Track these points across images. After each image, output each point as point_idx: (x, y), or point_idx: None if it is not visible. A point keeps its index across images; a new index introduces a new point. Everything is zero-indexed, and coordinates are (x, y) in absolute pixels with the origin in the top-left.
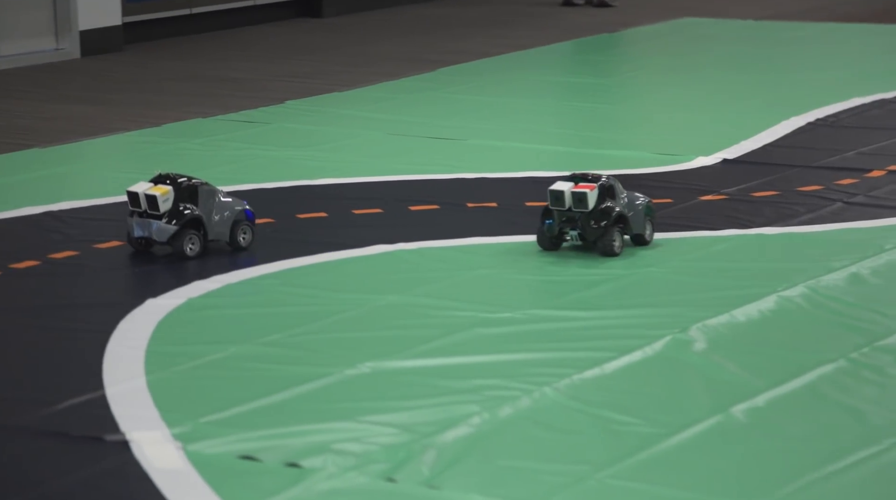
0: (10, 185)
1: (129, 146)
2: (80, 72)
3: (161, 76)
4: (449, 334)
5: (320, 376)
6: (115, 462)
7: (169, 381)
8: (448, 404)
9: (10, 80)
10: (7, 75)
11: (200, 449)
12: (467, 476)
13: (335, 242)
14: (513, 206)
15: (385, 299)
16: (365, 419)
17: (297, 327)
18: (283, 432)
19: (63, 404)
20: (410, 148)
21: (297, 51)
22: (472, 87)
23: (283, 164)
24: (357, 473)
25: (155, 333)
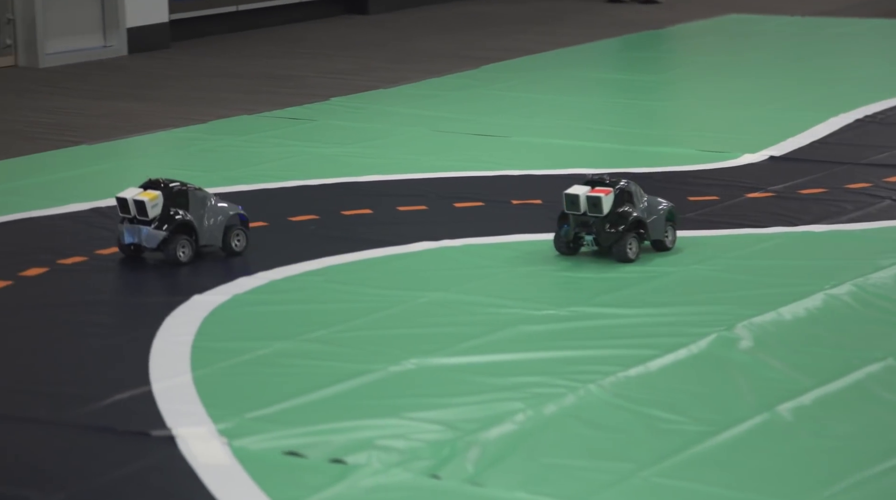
0: (59, 181)
1: (175, 143)
2: (128, 69)
3: (207, 73)
4: (493, 332)
5: (365, 372)
6: (160, 458)
7: (214, 377)
8: (492, 401)
9: (59, 77)
10: (56, 73)
11: (245, 445)
12: (511, 474)
13: (379, 238)
14: (558, 203)
15: (429, 296)
16: (409, 415)
17: (341, 323)
18: (328, 428)
19: (109, 399)
20: (455, 145)
21: (343, 48)
22: (517, 84)
23: (328, 160)
24: (401, 469)
25: (200, 329)
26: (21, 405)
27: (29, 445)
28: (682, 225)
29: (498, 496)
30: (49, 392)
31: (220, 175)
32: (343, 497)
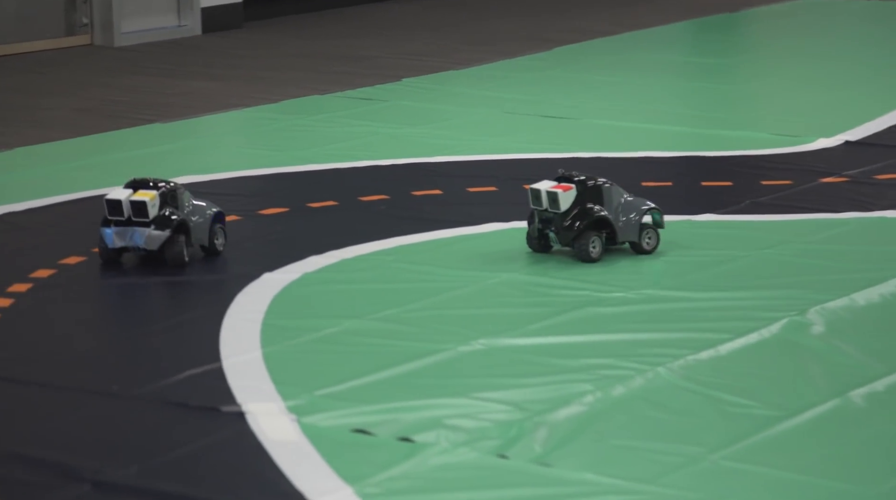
0: (134, 159)
1: (248, 122)
2: (202, 48)
3: (280, 53)
4: (562, 313)
5: (434, 352)
6: (231, 433)
7: (284, 354)
8: (561, 382)
9: (134, 56)
10: (131, 52)
11: (314, 422)
12: (579, 455)
13: (449, 219)
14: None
15: (499, 277)
16: (478, 395)
17: (411, 303)
18: (397, 406)
19: (182, 375)
20: (526, 127)
21: (416, 28)
22: (589, 66)
23: (399, 141)
24: (469, 449)
25: (271, 306)
26: (95, 380)
27: (102, 419)
28: (755, 209)
29: (565, 476)
30: (123, 367)
31: (291, 155)
32: (410, 475)
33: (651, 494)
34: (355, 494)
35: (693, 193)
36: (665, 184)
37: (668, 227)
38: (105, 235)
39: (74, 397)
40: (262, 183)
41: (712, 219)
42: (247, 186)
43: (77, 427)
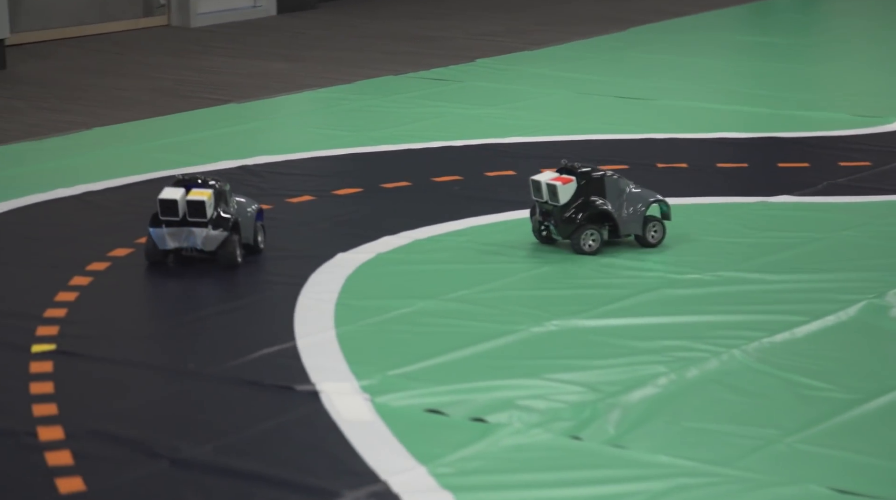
0: (208, 139)
1: (321, 103)
2: (276, 29)
3: (354, 33)
4: (636, 294)
5: (506, 332)
6: (304, 412)
7: (358, 334)
8: (634, 364)
9: (210, 37)
10: (206, 33)
11: (388, 402)
12: (653, 437)
13: (522, 200)
14: (704, 167)
15: (572, 258)
16: (550, 376)
17: (483, 283)
18: (470, 387)
19: (256, 354)
20: (600, 108)
21: (491, 9)
22: (664, 46)
23: (473, 122)
24: (542, 430)
25: (345, 286)
26: (171, 358)
27: (179, 397)
28: (833, 190)
29: (639, 458)
30: (199, 346)
31: (365, 135)
32: (483, 456)
33: (725, 476)
34: (428, 473)
35: (769, 174)
36: (740, 165)
37: (743, 209)
38: (156, 236)
39: (151, 375)
40: (335, 163)
41: (789, 201)
42: (320, 167)
43: (154, 405)
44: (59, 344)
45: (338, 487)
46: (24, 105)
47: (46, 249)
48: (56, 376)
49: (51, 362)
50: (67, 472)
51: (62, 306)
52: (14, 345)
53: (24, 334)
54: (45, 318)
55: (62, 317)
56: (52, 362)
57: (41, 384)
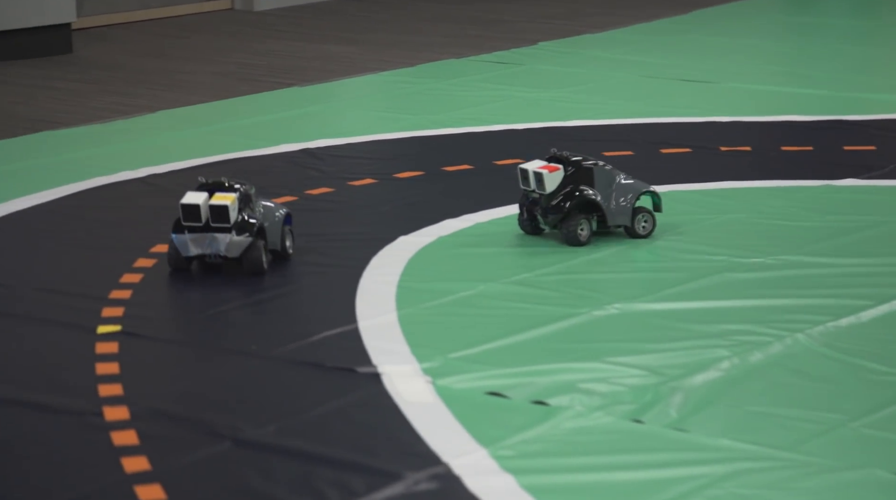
0: (270, 122)
1: (382, 86)
2: (339, 12)
3: (416, 17)
4: (699, 278)
5: (568, 316)
6: (366, 394)
7: (419, 317)
8: (697, 347)
9: (273, 20)
10: (269, 16)
11: (449, 384)
12: (716, 420)
13: None
14: (768, 150)
15: (633, 242)
16: (612, 359)
17: (545, 267)
18: (531, 370)
19: (318, 336)
20: (663, 90)
21: None
22: (729, 28)
23: (535, 105)
24: (604, 413)
25: (406, 269)
26: (234, 340)
27: (243, 378)
28: None
29: (701, 442)
30: (261, 328)
31: (426, 118)
32: (545, 439)
33: (789, 461)
34: (489, 456)
35: (835, 157)
36: (805, 148)
37: (808, 192)
38: (178, 243)
39: (215, 356)
40: (397, 147)
41: (854, 184)
42: (382, 150)
43: (218, 386)
44: (124, 325)
45: (399, 468)
46: (90, 88)
47: (111, 231)
48: (121, 357)
49: (116, 343)
50: (133, 451)
51: (127, 288)
52: (80, 326)
53: (90, 316)
54: (110, 299)
55: (127, 298)
56: (117, 342)
57: (107, 365)
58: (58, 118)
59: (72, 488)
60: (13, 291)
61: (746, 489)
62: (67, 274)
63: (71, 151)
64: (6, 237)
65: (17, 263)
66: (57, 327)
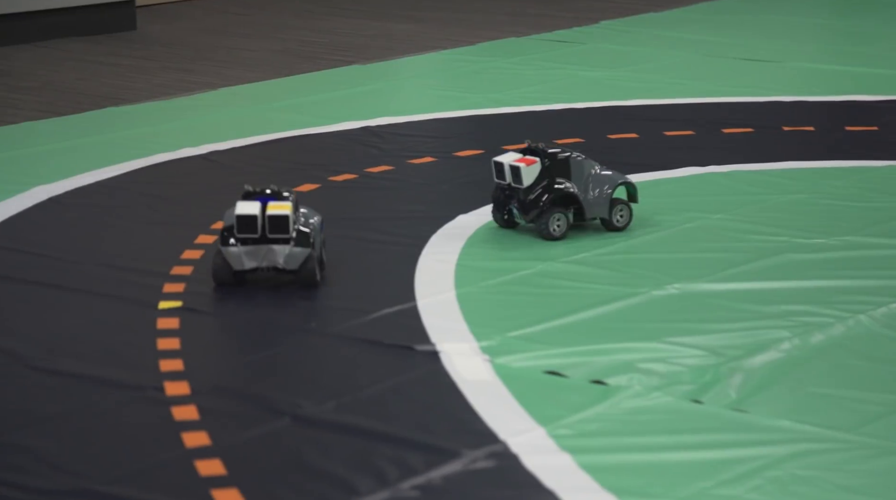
0: (331, 100)
1: (443, 64)
2: None
3: None
4: (760, 259)
5: (627, 295)
6: (424, 372)
7: (478, 295)
8: (757, 328)
9: None
10: None
11: (507, 363)
12: (776, 402)
13: (645, 163)
14: (831, 130)
15: (694, 222)
16: (671, 339)
17: (604, 246)
18: (589, 349)
19: (377, 313)
20: (725, 70)
21: None
22: (793, 7)
23: (596, 84)
24: (662, 393)
25: (465, 248)
26: (294, 317)
27: (302, 355)
28: None
29: (761, 423)
30: (320, 305)
31: (487, 97)
32: (603, 418)
33: (850, 442)
34: (547, 435)
35: None
36: (870, 128)
37: (872, 173)
38: (231, 256)
39: (274, 333)
40: (457, 125)
41: None
42: (442, 128)
43: (277, 363)
44: (185, 301)
45: (457, 446)
46: (152, 65)
47: (173, 207)
48: (182, 333)
49: (177, 319)
50: (193, 427)
51: (188, 264)
52: (142, 301)
53: (152, 291)
54: (171, 275)
55: (188, 274)
56: (178, 318)
57: (168, 340)
58: (121, 95)
59: (133, 462)
60: (77, 266)
61: (807, 470)
62: (130, 250)
63: (134, 127)
64: (70, 213)
65: (80, 238)
66: (119, 302)
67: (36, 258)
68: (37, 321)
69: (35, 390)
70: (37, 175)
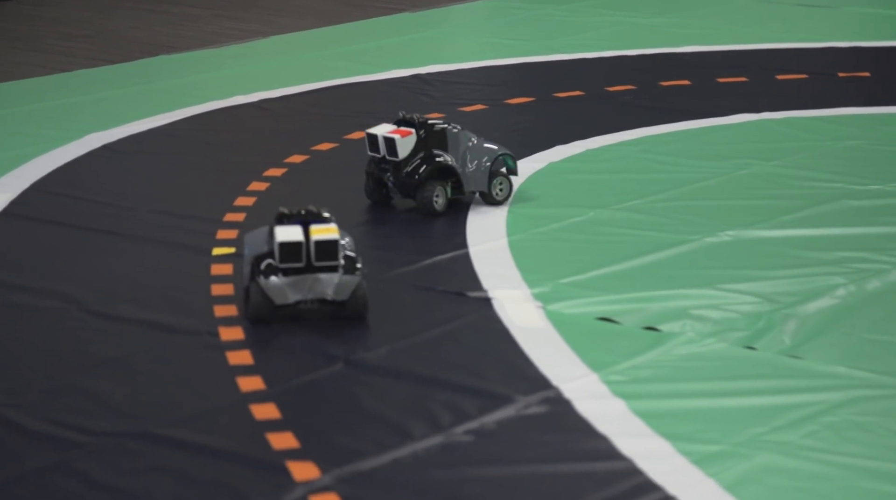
0: (381, 48)
1: (495, 12)
2: None
3: None
4: (814, 205)
5: (680, 242)
6: (477, 318)
7: (530, 242)
8: (811, 275)
9: None
10: None
11: (560, 309)
12: (830, 348)
13: (698, 110)
14: (888, 76)
15: (748, 169)
16: (725, 286)
17: (657, 193)
18: (642, 296)
19: (429, 260)
20: (780, 15)
21: None
22: None
23: (648, 31)
24: (716, 340)
25: (517, 195)
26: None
27: None
28: None
29: (815, 369)
30: (372, 252)
31: (539, 44)
32: (656, 364)
33: None
34: (600, 381)
35: None
36: None
37: None
38: (272, 289)
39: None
40: (508, 73)
41: None
42: (493, 76)
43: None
44: (238, 248)
45: (510, 392)
46: (204, 13)
47: (225, 154)
48: (236, 279)
49: (230, 265)
50: (248, 371)
51: (241, 211)
52: (196, 248)
53: (205, 238)
54: (224, 222)
55: (241, 221)
56: (231, 264)
57: (222, 286)
58: (173, 43)
59: (189, 405)
60: (131, 212)
61: (862, 416)
62: (183, 197)
63: (186, 75)
64: (124, 160)
65: (135, 185)
66: (174, 248)
67: (91, 205)
68: (93, 267)
69: (93, 334)
70: (90, 123)
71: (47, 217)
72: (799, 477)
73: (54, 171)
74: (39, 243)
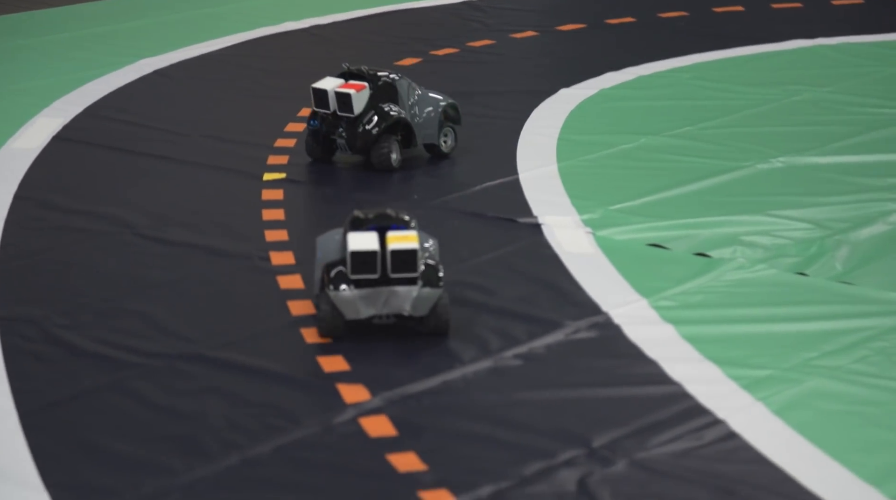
0: None
1: None
2: None
3: None
4: (868, 131)
5: (731, 169)
6: (526, 243)
7: (579, 169)
8: (864, 201)
9: None
10: None
11: (610, 235)
12: (883, 274)
13: (751, 36)
14: None
15: (801, 95)
16: (776, 212)
17: (709, 120)
18: (693, 222)
19: (479, 186)
20: None
21: None
22: None
23: None
24: (767, 265)
25: (567, 121)
26: (398, 190)
27: None
28: None
29: (868, 295)
30: (423, 178)
31: None
32: (706, 290)
33: None
34: (650, 306)
35: None
36: None
37: None
38: (345, 303)
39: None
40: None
41: None
42: (544, 2)
43: None
44: (288, 173)
45: (560, 318)
46: None
47: (276, 80)
48: (286, 204)
49: (281, 191)
50: (298, 295)
51: (291, 137)
52: (247, 173)
53: (257, 163)
54: (275, 148)
55: (291, 147)
56: (282, 190)
57: (272, 211)
58: None
59: (241, 328)
60: (183, 138)
61: None
62: (235, 122)
63: (237, 0)
64: (176, 85)
65: (187, 110)
66: (225, 173)
67: (143, 130)
68: (145, 191)
69: (145, 257)
70: (142, 48)
71: (100, 142)
72: (848, 401)
73: (106, 96)
74: (92, 168)
